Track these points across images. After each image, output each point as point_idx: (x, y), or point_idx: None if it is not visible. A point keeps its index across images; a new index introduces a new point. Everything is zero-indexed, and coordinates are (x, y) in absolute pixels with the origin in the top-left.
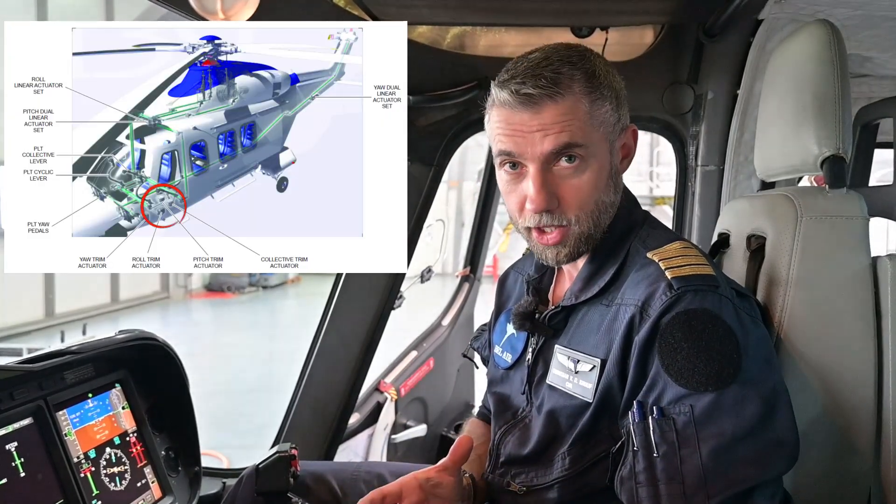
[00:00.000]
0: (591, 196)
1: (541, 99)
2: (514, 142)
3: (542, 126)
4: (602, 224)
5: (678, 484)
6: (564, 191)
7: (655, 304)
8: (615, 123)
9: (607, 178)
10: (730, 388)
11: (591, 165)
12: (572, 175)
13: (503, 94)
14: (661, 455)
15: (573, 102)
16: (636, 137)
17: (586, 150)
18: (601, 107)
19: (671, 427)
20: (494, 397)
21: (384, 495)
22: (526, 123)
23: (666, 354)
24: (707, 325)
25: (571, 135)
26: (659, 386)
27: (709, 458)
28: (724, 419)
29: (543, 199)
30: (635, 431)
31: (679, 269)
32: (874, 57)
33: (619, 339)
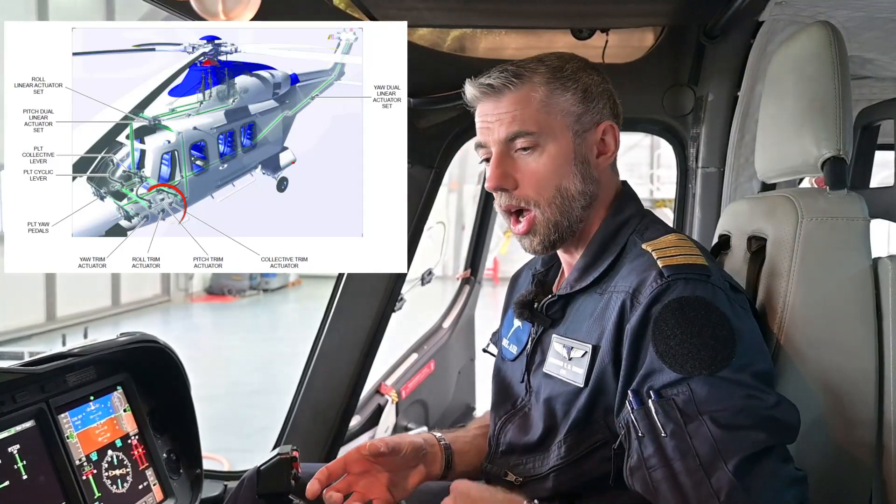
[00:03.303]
0: (548, 180)
1: (500, 88)
2: (482, 132)
3: (499, 115)
4: (571, 213)
5: (693, 458)
6: (521, 173)
7: (646, 291)
8: (581, 114)
9: (570, 165)
10: (724, 370)
11: (548, 151)
12: (528, 158)
13: (471, 87)
14: (669, 434)
15: (528, 91)
16: (616, 135)
17: (539, 137)
18: (560, 95)
19: (673, 407)
20: (496, 388)
21: (329, 472)
22: (490, 113)
23: (660, 341)
24: (700, 311)
25: (522, 123)
26: (654, 373)
27: (716, 427)
28: (723, 394)
29: (497, 176)
30: (636, 418)
31: (671, 258)
32: (875, 59)
33: (611, 325)
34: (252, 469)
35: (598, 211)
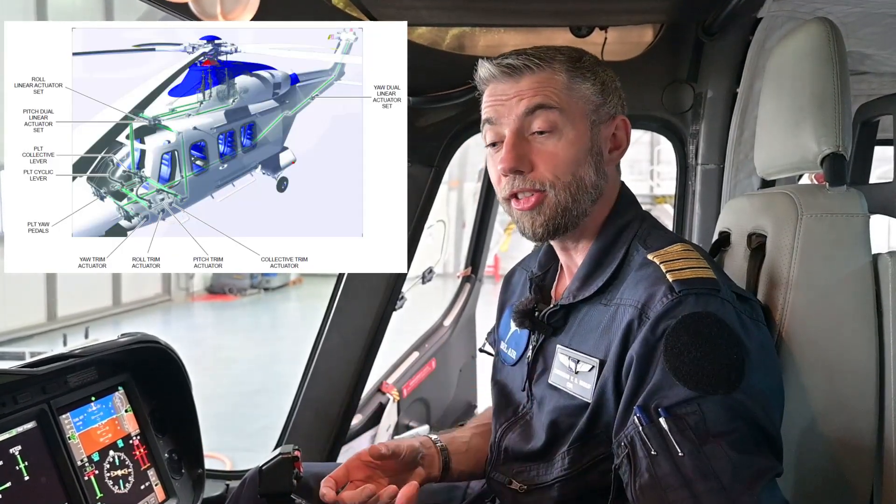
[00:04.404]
0: (566, 165)
1: (521, 69)
2: (495, 109)
3: (519, 92)
4: (582, 203)
5: (714, 479)
6: (538, 156)
7: (656, 306)
8: (599, 105)
9: (586, 154)
10: (735, 390)
11: (567, 135)
12: (546, 141)
13: (488, 66)
14: (686, 454)
15: (551, 73)
16: (628, 130)
17: (560, 115)
18: (581, 83)
19: (686, 426)
20: (497, 394)
21: (335, 480)
22: (506, 92)
23: (672, 357)
24: (713, 328)
25: (545, 97)
26: (664, 389)
27: (733, 451)
28: (732, 417)
29: (513, 157)
30: (647, 436)
31: (680, 271)
32: (874, 54)
33: (618, 340)
34: (254, 469)
35: (601, 208)
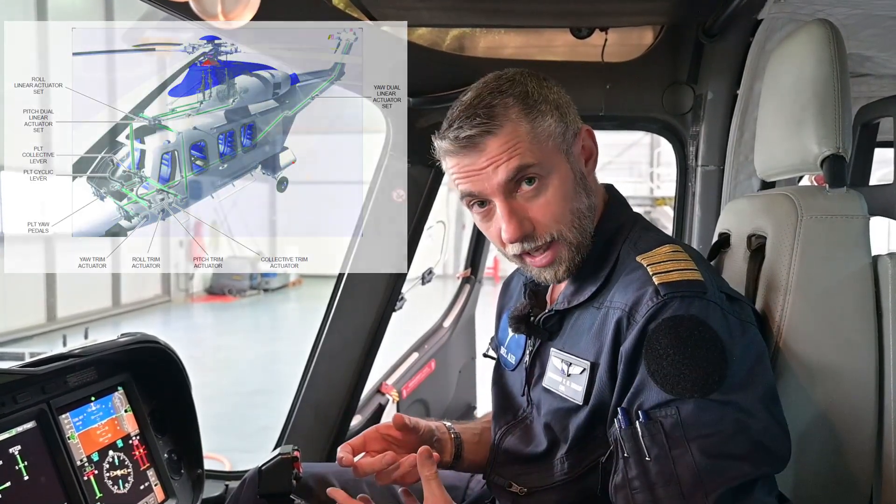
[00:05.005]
0: (562, 209)
1: (480, 137)
2: (472, 182)
3: (490, 160)
4: (587, 229)
5: (675, 485)
6: (535, 212)
7: (642, 309)
8: (564, 133)
9: (574, 185)
10: (714, 393)
11: (552, 181)
12: (536, 195)
13: (445, 143)
14: (653, 458)
15: (512, 128)
16: (593, 137)
17: (541, 168)
18: (542, 122)
19: (659, 430)
20: (497, 397)
21: (352, 447)
22: (475, 164)
23: (652, 361)
24: (693, 331)
25: (521, 157)
26: (644, 391)
27: (701, 456)
28: (711, 421)
29: (515, 228)
30: (623, 438)
31: (666, 274)
32: (874, 56)
33: (608, 343)
34: (253, 469)
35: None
